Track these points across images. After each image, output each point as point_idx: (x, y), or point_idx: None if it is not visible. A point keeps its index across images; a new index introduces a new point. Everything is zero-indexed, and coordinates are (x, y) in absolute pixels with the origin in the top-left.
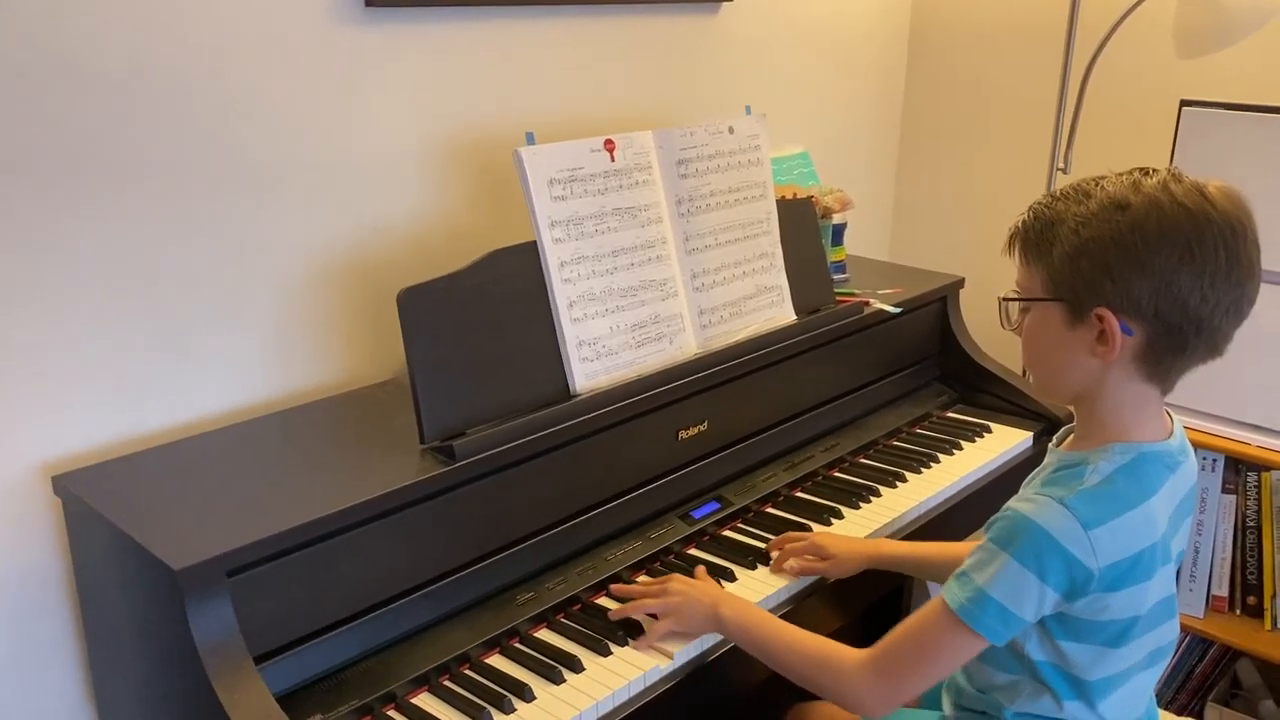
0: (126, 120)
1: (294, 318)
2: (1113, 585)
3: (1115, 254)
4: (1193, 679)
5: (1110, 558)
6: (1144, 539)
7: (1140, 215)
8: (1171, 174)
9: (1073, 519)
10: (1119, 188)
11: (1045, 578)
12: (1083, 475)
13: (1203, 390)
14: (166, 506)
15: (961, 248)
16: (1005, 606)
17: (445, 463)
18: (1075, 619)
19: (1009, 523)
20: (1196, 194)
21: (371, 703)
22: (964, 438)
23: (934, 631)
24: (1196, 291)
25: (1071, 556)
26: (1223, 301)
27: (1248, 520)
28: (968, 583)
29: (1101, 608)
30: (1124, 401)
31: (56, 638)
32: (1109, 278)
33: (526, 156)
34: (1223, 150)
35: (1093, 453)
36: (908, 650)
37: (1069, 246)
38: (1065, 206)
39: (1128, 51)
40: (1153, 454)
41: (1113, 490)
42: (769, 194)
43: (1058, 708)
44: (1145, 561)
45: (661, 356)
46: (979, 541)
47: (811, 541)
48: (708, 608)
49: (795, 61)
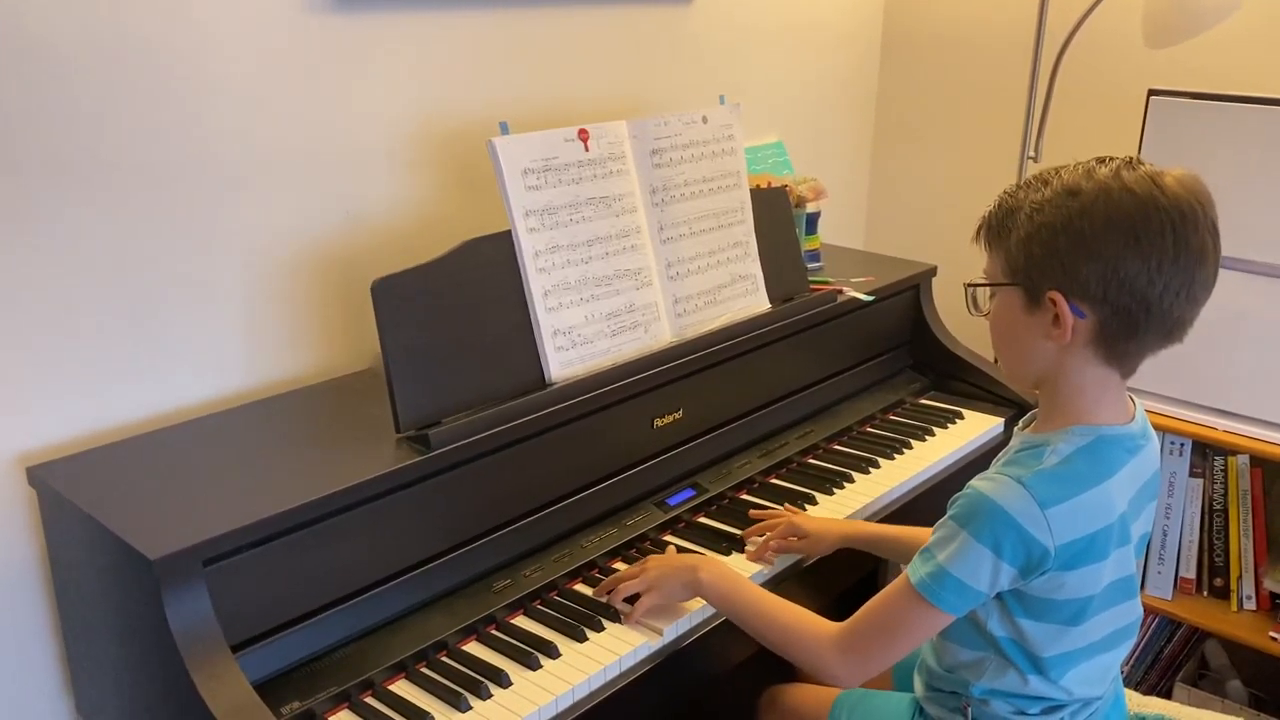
0: (96, 110)
1: (269, 308)
2: (1069, 564)
3: (1064, 239)
4: (1161, 659)
5: (1066, 536)
6: (1100, 519)
7: (1089, 201)
8: (1126, 161)
9: (1029, 498)
10: (1074, 175)
11: (1001, 553)
12: (1042, 456)
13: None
14: (142, 496)
15: (934, 236)
16: (963, 581)
17: (421, 451)
18: (1033, 597)
19: (968, 501)
20: (1147, 181)
21: (349, 690)
22: (936, 424)
23: (898, 607)
24: (1143, 275)
25: (1028, 534)
26: (1171, 285)
27: (1215, 504)
28: (929, 559)
29: (1057, 585)
30: (1084, 385)
31: (33, 629)
32: (1059, 262)
33: (501, 146)
34: (1190, 139)
35: (1053, 434)
36: (875, 625)
37: (1024, 232)
38: (1025, 194)
39: (1097, 41)
40: (1112, 436)
41: (1070, 471)
42: (743, 183)
43: (1022, 683)
44: (1100, 542)
45: (637, 345)
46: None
47: (789, 522)
48: (687, 572)
49: (770, 51)
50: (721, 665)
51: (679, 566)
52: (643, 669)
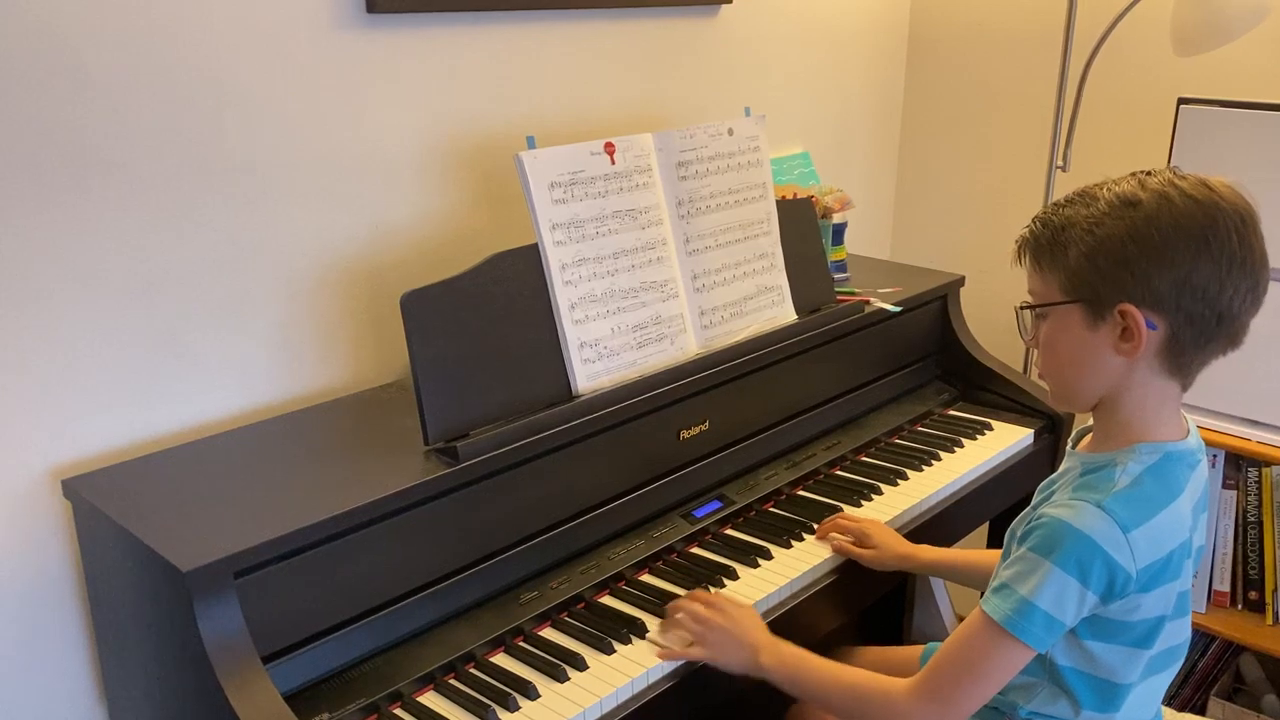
0: (129, 127)
1: (298, 321)
2: (1147, 586)
3: (1133, 248)
4: (1195, 674)
5: (1147, 558)
6: (1175, 538)
7: (1152, 209)
8: (1173, 171)
9: (1111, 522)
10: (1124, 188)
11: (1087, 582)
12: (1113, 477)
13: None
14: (174, 509)
15: (962, 246)
16: (1050, 614)
17: (449, 464)
18: (1106, 620)
19: (1049, 530)
20: (1202, 186)
21: (378, 701)
22: (965, 435)
23: (981, 647)
24: (1215, 280)
25: (1112, 560)
26: (1240, 288)
27: (1249, 516)
28: (1010, 594)
29: (1134, 608)
30: (1146, 400)
31: (67, 640)
32: (1129, 272)
33: (527, 160)
34: (1221, 148)
35: (1119, 454)
36: (956, 669)
37: (1085, 246)
38: (1073, 211)
39: (1125, 50)
40: (1176, 454)
41: (1143, 491)
42: (769, 194)
43: (1073, 713)
44: (1176, 560)
45: (663, 357)
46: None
47: (861, 527)
48: (748, 655)
49: (795, 63)
50: (748, 680)
51: (741, 643)
52: (669, 683)
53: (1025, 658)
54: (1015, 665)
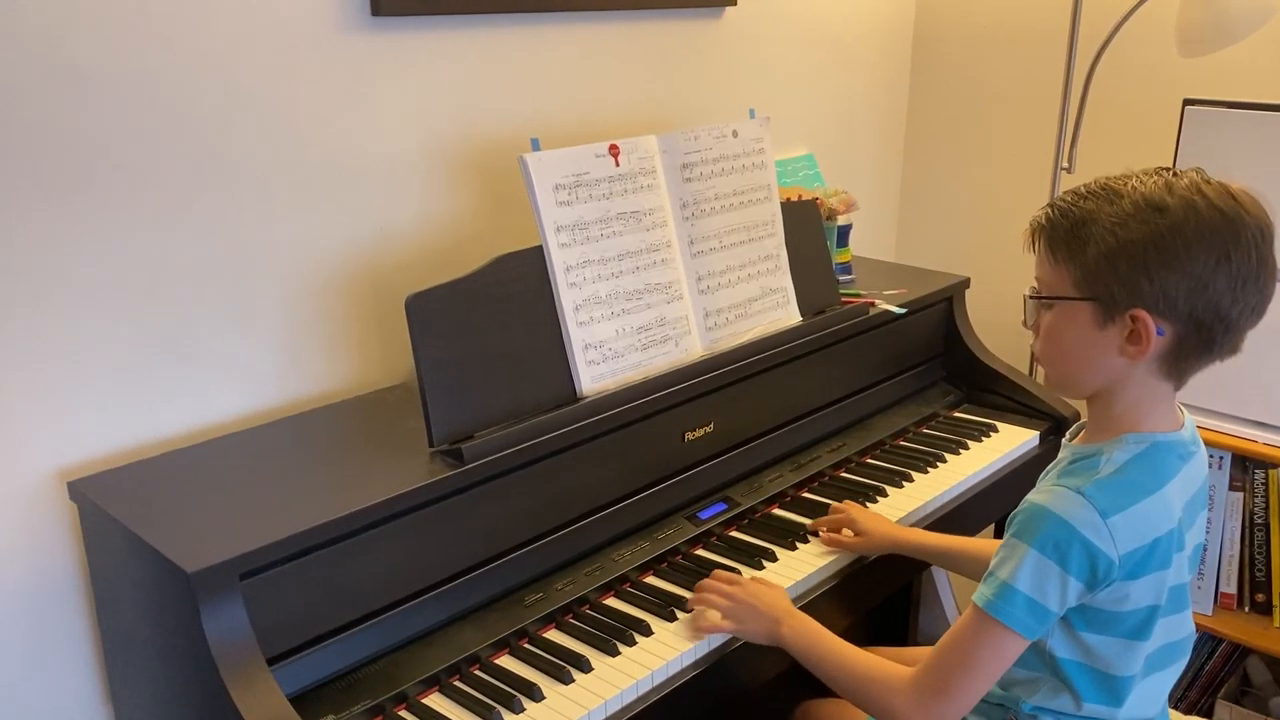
0: (136, 129)
1: (303, 323)
2: (1133, 573)
3: (1155, 255)
4: (1202, 676)
5: (1128, 545)
6: (1161, 526)
7: (1179, 217)
8: (1199, 174)
9: (1090, 507)
10: (1151, 189)
11: (1066, 566)
12: (1097, 465)
13: (1209, 388)
14: (180, 510)
15: (967, 248)
16: (1031, 598)
17: (454, 465)
18: (1097, 610)
19: (1027, 515)
20: (1228, 197)
21: (383, 703)
22: (970, 437)
23: (970, 635)
24: (1229, 293)
25: (1092, 545)
26: (1250, 302)
27: (1255, 517)
28: (993, 580)
29: (1122, 597)
30: (1140, 396)
31: (73, 641)
32: (1147, 278)
33: (532, 163)
34: (1226, 149)
35: (1106, 444)
36: (950, 659)
37: (1105, 246)
38: (1096, 205)
39: (1130, 51)
40: (1166, 443)
41: (1127, 479)
42: (773, 196)
43: (1076, 706)
44: (1163, 548)
45: (667, 358)
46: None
47: (847, 514)
48: (771, 623)
49: (800, 64)
50: (754, 680)
51: (766, 614)
52: (675, 683)
53: (1016, 645)
54: (1007, 653)
